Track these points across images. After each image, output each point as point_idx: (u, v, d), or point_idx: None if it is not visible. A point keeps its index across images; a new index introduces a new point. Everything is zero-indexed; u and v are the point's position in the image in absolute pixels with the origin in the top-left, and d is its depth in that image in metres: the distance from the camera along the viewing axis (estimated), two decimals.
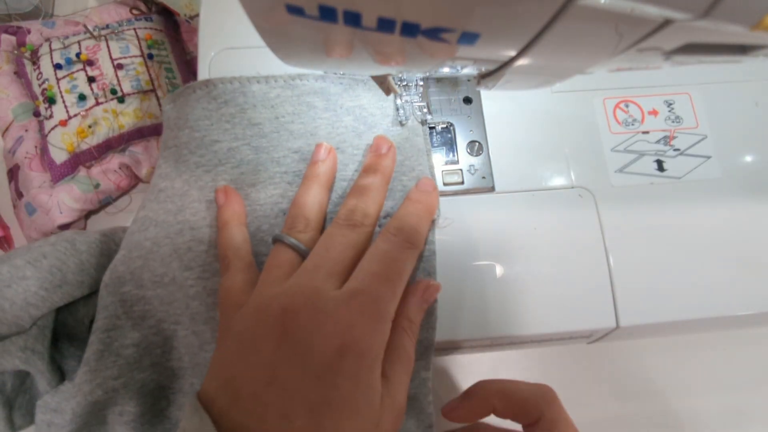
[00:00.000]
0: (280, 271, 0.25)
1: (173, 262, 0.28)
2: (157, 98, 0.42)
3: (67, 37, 0.42)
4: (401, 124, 0.32)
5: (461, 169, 0.32)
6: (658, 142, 0.33)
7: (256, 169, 0.30)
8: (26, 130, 0.40)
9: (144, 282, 0.29)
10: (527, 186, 0.32)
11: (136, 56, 0.42)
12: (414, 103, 0.32)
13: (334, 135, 0.31)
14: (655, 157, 0.33)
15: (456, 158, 0.32)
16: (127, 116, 0.40)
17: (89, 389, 0.27)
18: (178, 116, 0.32)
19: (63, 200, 0.38)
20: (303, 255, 0.26)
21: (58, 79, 0.40)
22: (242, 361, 0.21)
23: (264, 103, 0.31)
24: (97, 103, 0.39)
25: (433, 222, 0.29)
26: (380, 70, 0.25)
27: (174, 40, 0.46)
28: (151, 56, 0.43)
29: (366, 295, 0.22)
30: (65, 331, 0.31)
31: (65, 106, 0.39)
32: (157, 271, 0.28)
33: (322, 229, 0.28)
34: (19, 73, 0.42)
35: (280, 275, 0.24)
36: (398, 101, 0.32)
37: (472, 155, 0.33)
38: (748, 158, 0.33)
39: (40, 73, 0.40)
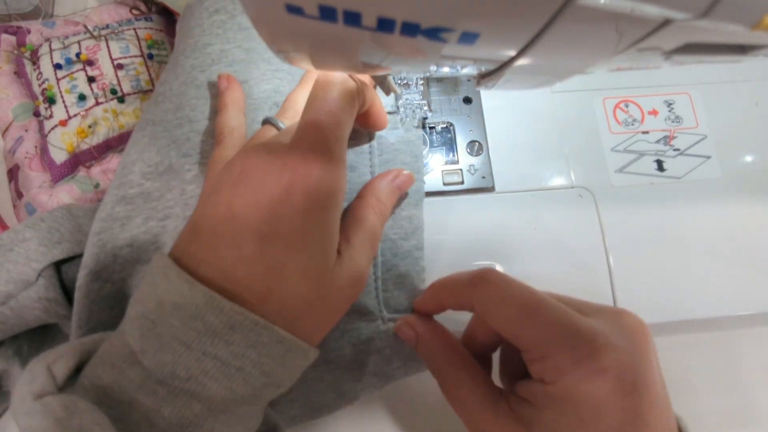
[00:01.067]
0: (259, 141, 0.26)
1: (171, 150, 0.30)
2: None
3: (67, 37, 0.42)
4: (401, 123, 0.32)
5: (461, 169, 0.32)
6: (658, 142, 0.33)
7: (248, 68, 0.32)
8: (26, 130, 0.40)
9: (127, 180, 0.30)
10: (527, 186, 0.32)
11: (136, 56, 0.42)
12: (414, 102, 0.32)
13: None
14: (655, 157, 0.33)
15: (456, 158, 0.32)
16: (127, 116, 0.40)
17: (99, 286, 0.28)
18: (178, 39, 0.34)
19: (63, 200, 0.37)
20: None
21: (58, 79, 0.40)
22: (206, 203, 0.23)
23: None
24: (97, 103, 0.39)
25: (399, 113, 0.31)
26: (381, 70, 0.25)
27: (174, 40, 0.46)
28: (151, 56, 0.43)
29: (310, 138, 0.23)
30: (74, 287, 0.32)
31: (65, 106, 0.39)
32: (152, 161, 0.30)
33: None
34: (19, 73, 0.42)
35: (258, 143, 0.26)
36: (398, 102, 0.32)
37: (472, 155, 0.33)
38: (748, 158, 0.33)
39: (40, 73, 0.40)
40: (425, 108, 0.32)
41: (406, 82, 0.32)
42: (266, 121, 0.28)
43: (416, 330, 0.26)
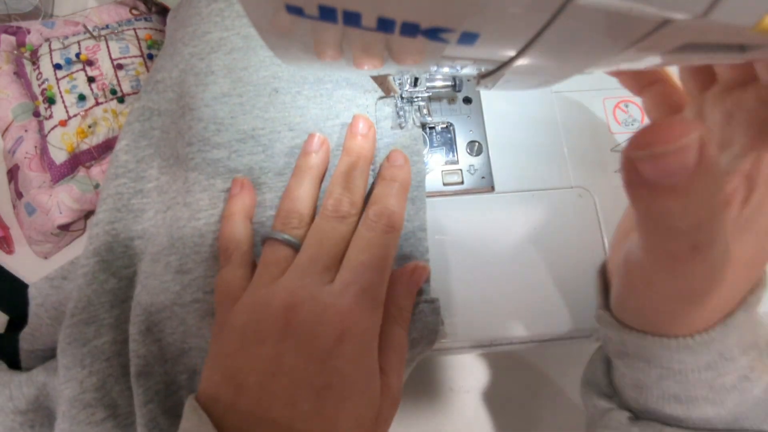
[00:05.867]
0: (276, 268, 0.25)
1: (178, 141, 0.31)
2: None
3: (66, 37, 0.42)
4: (401, 126, 0.32)
5: (461, 169, 0.32)
6: None
7: (247, 54, 0.32)
8: (26, 131, 0.40)
9: (147, 174, 0.31)
10: (527, 186, 0.32)
11: (135, 56, 0.42)
12: (414, 103, 0.32)
13: None
14: None
15: (456, 158, 0.32)
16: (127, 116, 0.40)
17: (105, 278, 0.30)
18: (174, 26, 0.35)
19: (63, 200, 0.37)
20: (297, 249, 0.26)
21: (57, 79, 0.40)
22: (245, 354, 0.22)
23: None
24: (97, 103, 0.39)
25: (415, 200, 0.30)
26: (380, 70, 0.25)
27: None
28: (151, 56, 0.43)
29: (358, 284, 0.23)
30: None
31: (65, 106, 0.39)
32: (167, 155, 0.32)
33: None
34: (19, 73, 0.42)
35: (276, 272, 0.25)
36: (398, 104, 0.32)
37: (471, 155, 0.33)
38: None
39: (40, 73, 0.40)
40: (425, 111, 0.32)
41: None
42: (271, 238, 0.27)
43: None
